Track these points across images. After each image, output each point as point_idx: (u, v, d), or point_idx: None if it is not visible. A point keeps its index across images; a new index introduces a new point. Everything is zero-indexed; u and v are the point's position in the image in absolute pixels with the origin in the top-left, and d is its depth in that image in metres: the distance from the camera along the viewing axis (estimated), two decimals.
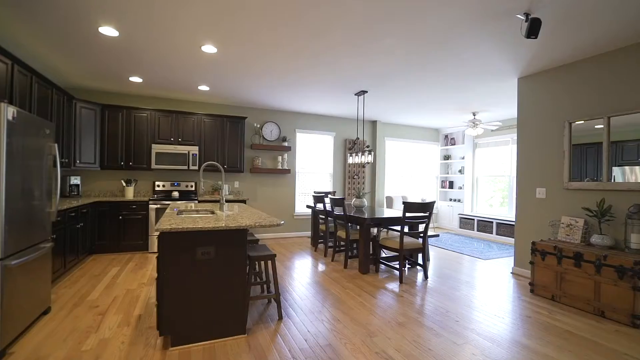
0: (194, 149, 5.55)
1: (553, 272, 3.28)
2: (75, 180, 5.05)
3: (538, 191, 3.97)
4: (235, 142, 5.91)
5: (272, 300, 3.19)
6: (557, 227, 3.67)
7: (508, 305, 3.19)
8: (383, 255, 4.81)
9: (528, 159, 4.11)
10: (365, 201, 4.99)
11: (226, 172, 5.91)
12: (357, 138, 6.05)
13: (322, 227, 5.28)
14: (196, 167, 5.56)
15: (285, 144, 6.52)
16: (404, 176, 8.12)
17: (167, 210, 3.23)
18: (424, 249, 3.99)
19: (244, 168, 6.32)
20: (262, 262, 4.06)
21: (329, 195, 5.58)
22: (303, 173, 6.89)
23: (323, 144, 7.09)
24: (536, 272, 3.45)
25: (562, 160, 3.72)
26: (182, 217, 2.81)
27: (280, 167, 6.45)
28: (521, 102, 4.22)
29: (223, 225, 2.32)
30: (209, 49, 3.47)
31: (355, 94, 5.25)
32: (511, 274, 4.24)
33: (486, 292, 3.54)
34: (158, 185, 5.61)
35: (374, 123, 7.53)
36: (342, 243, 5.15)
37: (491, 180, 7.44)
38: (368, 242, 4.16)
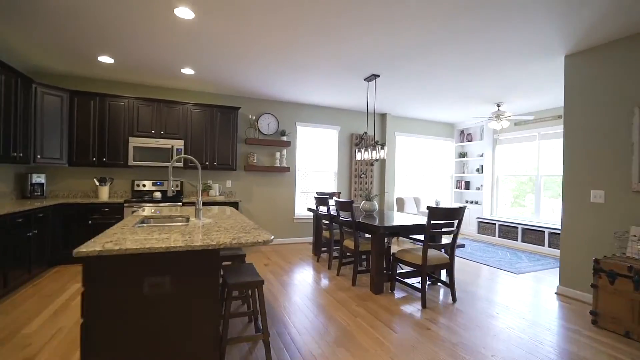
0: (179, 143, 4.82)
1: (627, 301, 2.52)
2: (38, 178, 4.34)
3: (593, 194, 3.21)
4: (227, 136, 5.18)
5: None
6: (624, 241, 2.91)
7: (569, 344, 2.44)
8: (399, 270, 4.06)
9: (579, 154, 3.35)
10: (376, 204, 4.26)
11: (216, 169, 5.19)
12: (365, 133, 5.31)
13: (326, 233, 4.54)
14: (181, 164, 4.83)
15: (284, 138, 5.78)
16: (415, 175, 7.36)
17: (128, 218, 2.50)
18: (451, 265, 3.25)
19: (237, 165, 5.59)
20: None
21: (334, 198, 4.84)
22: (304, 171, 6.15)
23: (327, 139, 6.35)
24: (601, 299, 2.69)
25: (629, 156, 2.96)
26: (142, 227, 2.08)
27: (278, 165, 5.72)
28: (570, 85, 3.46)
29: (182, 244, 1.59)
30: (184, 12, 2.74)
31: (365, 79, 4.50)
32: (556, 295, 3.48)
33: (534, 324, 2.79)
34: (138, 185, 4.90)
35: (383, 117, 6.78)
36: (349, 254, 4.41)
37: (514, 181, 6.66)
38: (382, 255, 3.42)
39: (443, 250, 3.58)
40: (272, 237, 1.92)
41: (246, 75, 4.44)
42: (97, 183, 4.59)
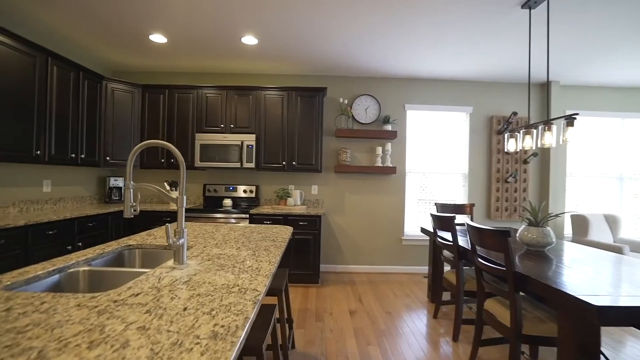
0: (250, 138, 3.85)
1: None
2: (115, 182, 4.04)
3: None
4: (310, 127, 3.95)
5: None
6: None
7: None
8: None
9: None
10: (552, 234, 2.19)
11: (297, 171, 4.03)
12: (514, 113, 3.25)
13: (449, 275, 2.73)
14: (252, 164, 3.85)
15: (389, 127, 4.18)
16: (602, 179, 4.55)
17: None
18: None
19: (324, 165, 4.30)
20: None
21: (466, 220, 2.93)
22: (418, 173, 4.38)
23: (451, 127, 4.41)
24: None
25: None
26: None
27: (380, 164, 4.15)
28: None
29: None
30: None
31: (521, 6, 2.52)
32: None
33: None
34: (209, 190, 4.16)
35: (543, 87, 4.36)
36: (499, 332, 2.46)
37: None
38: (585, 353, 1.48)
39: None
40: None
41: (329, 38, 3.09)
42: (168, 187, 4.04)
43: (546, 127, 2.22)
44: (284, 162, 3.94)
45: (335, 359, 2.18)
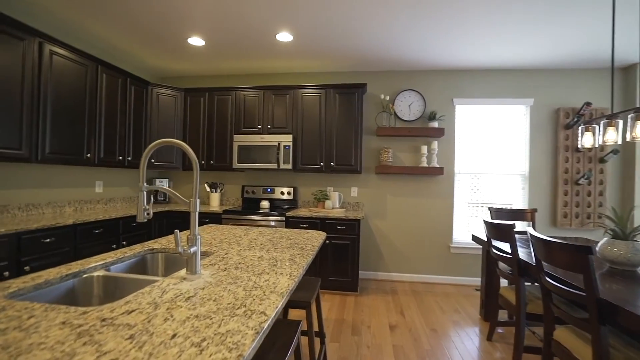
0: (287, 139, 3.75)
1: None
2: (160, 183, 4.20)
3: None
4: (349, 126, 3.75)
5: None
6: None
7: None
8: None
9: None
10: None
11: (336, 172, 3.84)
12: (587, 103, 2.76)
13: (507, 292, 2.35)
14: (289, 166, 3.74)
15: (435, 124, 3.83)
16: None
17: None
18: None
19: (363, 166, 4.07)
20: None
21: (532, 232, 2.48)
22: (467, 174, 3.96)
23: (507, 122, 3.92)
24: None
25: None
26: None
27: (425, 164, 3.82)
28: None
29: None
30: None
31: None
32: None
33: None
34: (247, 192, 4.15)
35: (629, 71, 3.68)
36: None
37: None
38: None
39: None
40: None
41: (369, 31, 2.87)
42: (208, 189, 4.10)
43: (638, 116, 1.78)
44: (321, 163, 3.79)
45: None
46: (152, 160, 3.83)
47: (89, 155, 3.01)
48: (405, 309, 3.10)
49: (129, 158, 3.51)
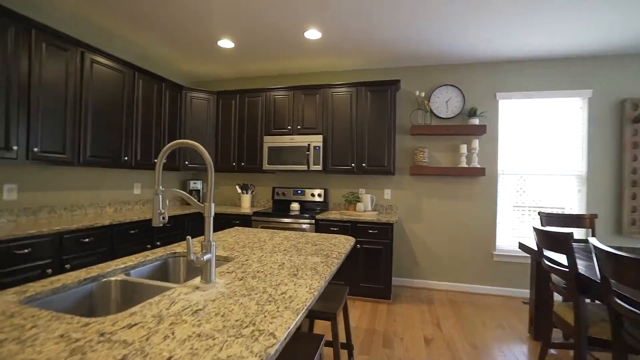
0: (317, 140, 3.66)
1: None
2: (195, 185, 4.30)
3: None
4: (381, 125, 3.58)
5: None
6: None
7: None
8: None
9: None
10: None
11: (367, 174, 3.69)
12: None
13: (562, 310, 2.06)
14: (319, 167, 3.65)
15: (476, 121, 3.54)
16: None
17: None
18: None
19: (397, 167, 3.87)
20: None
21: (594, 242, 2.12)
22: (512, 175, 3.61)
23: (560, 117, 3.52)
24: None
25: None
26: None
27: (465, 165, 3.54)
28: None
29: None
30: None
31: None
32: None
33: None
34: (278, 194, 4.12)
35: None
36: None
37: None
38: None
39: None
40: None
41: (402, 24, 2.70)
42: (239, 190, 4.12)
43: None
44: (352, 164, 3.65)
45: None
46: (186, 162, 3.92)
47: (126, 158, 3.13)
48: (442, 320, 2.87)
49: (164, 160, 3.62)
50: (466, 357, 2.27)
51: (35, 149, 2.34)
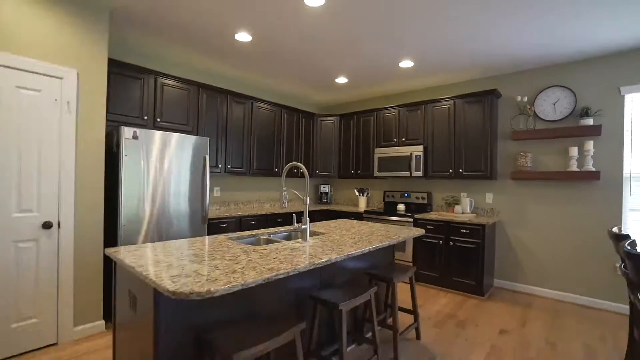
0: (418, 149, 4.23)
1: None
2: (324, 188, 5.53)
3: None
4: (479, 133, 3.83)
5: None
6: None
7: None
8: None
9: None
10: None
11: (466, 179, 3.98)
12: None
13: None
14: (420, 173, 4.20)
15: (589, 121, 3.33)
16: None
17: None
18: None
19: (498, 172, 3.97)
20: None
21: None
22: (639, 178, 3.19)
23: None
24: None
25: None
26: None
27: (575, 169, 3.39)
28: None
29: None
30: None
31: None
32: None
33: None
34: (388, 196, 4.86)
35: None
36: None
37: None
38: None
39: None
40: None
41: (494, 36, 3.06)
42: (357, 193, 5.08)
43: None
44: (450, 170, 4.03)
45: None
46: (317, 171, 5.17)
47: (276, 169, 4.56)
48: (530, 321, 2.99)
49: (301, 171, 4.95)
50: (536, 350, 2.47)
51: (228, 166, 3.94)
